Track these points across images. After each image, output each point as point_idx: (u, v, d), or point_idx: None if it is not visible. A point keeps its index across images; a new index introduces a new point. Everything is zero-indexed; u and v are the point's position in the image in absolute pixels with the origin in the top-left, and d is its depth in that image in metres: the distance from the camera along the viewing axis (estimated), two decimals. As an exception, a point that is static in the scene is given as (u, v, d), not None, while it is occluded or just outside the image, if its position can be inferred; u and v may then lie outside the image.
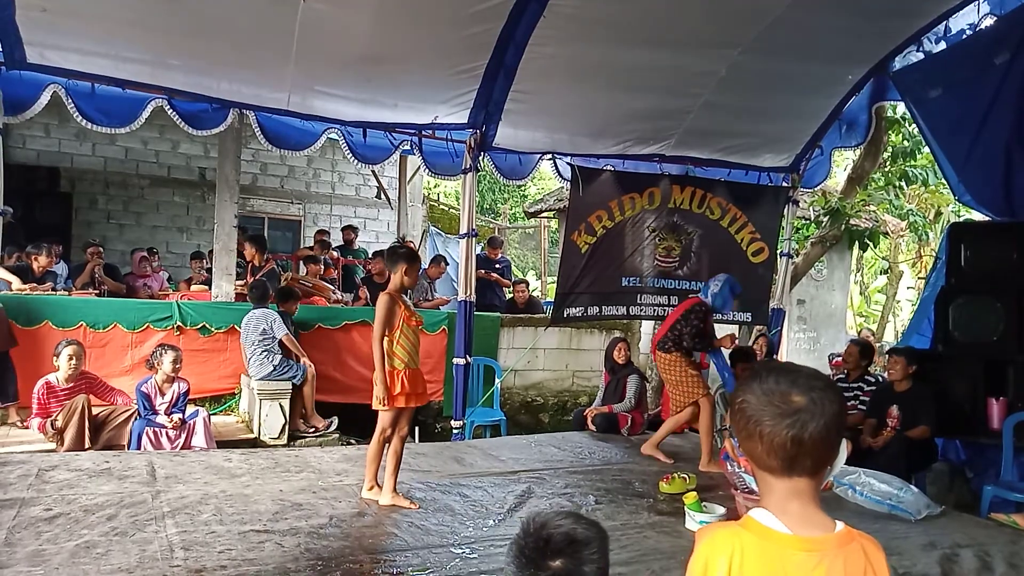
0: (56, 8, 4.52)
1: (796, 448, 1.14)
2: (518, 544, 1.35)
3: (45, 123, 10.12)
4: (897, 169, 8.37)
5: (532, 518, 1.38)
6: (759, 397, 1.18)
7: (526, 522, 1.37)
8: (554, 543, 1.32)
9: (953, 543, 3.54)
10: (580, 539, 1.32)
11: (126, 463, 4.31)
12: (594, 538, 1.34)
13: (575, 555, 1.31)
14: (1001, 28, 5.44)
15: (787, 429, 1.14)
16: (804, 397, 1.15)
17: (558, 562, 1.30)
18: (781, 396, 1.16)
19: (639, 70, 5.70)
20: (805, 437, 1.13)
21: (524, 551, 1.33)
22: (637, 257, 6.67)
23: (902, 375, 5.21)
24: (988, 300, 5.41)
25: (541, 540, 1.32)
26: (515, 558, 1.34)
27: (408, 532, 3.40)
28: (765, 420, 1.16)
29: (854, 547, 1.17)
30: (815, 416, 1.14)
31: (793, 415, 1.14)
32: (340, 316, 7.10)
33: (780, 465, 1.16)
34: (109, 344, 6.16)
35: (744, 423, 1.19)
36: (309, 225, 11.95)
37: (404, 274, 3.81)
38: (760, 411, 1.17)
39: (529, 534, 1.34)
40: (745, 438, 1.20)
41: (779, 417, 1.15)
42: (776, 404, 1.16)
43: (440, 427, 7.23)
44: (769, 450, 1.16)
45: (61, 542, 3.00)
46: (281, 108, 5.61)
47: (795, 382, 1.17)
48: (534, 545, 1.32)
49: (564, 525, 1.34)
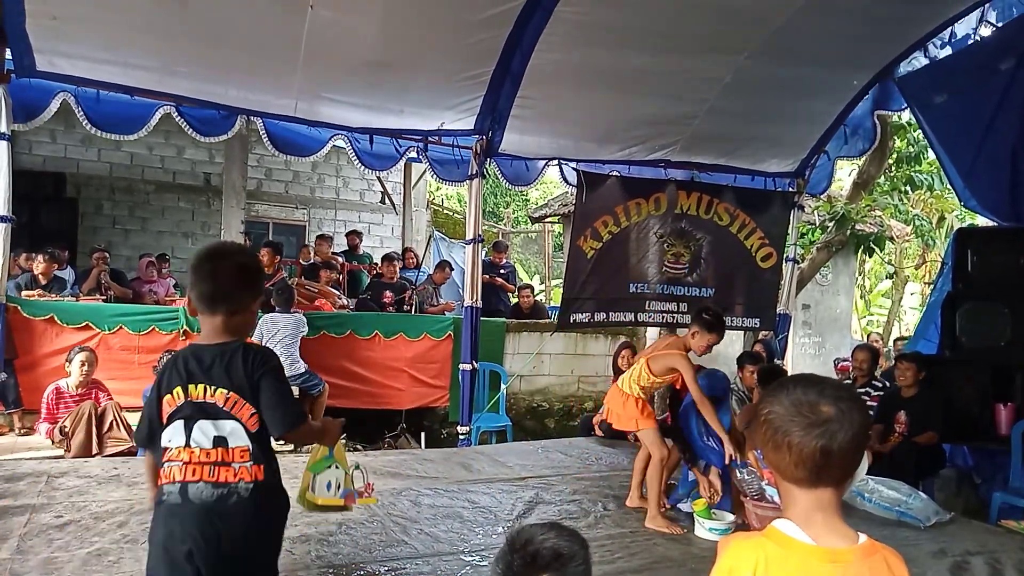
0: (66, 16, 4.54)
1: (824, 459, 1.14)
2: (505, 560, 1.36)
3: (51, 129, 10.16)
4: (902, 174, 8.37)
5: (516, 533, 1.40)
6: (787, 408, 1.18)
7: (511, 538, 1.39)
8: (541, 558, 1.33)
9: (963, 550, 3.53)
10: (566, 553, 1.35)
11: (135, 470, 4.31)
12: (579, 551, 1.37)
13: (561, 569, 1.33)
14: (1007, 34, 5.45)
15: (816, 440, 1.14)
16: (832, 407, 1.16)
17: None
18: (810, 407, 1.17)
19: (645, 75, 5.71)
20: (834, 448, 1.14)
21: (512, 567, 1.34)
22: (644, 263, 6.66)
23: (912, 381, 5.20)
24: (995, 305, 5.40)
25: (528, 556, 1.34)
26: (503, 574, 1.35)
27: (418, 539, 3.40)
28: (794, 431, 1.16)
29: (877, 559, 1.17)
30: (843, 426, 1.14)
31: (822, 425, 1.15)
32: (346, 322, 7.12)
33: (807, 476, 1.16)
34: (114, 348, 6.17)
35: (771, 434, 1.19)
36: (314, 230, 11.98)
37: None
38: (789, 422, 1.17)
39: (516, 550, 1.36)
40: (772, 449, 1.20)
41: (808, 428, 1.15)
42: (805, 415, 1.16)
43: (446, 433, 7.24)
44: (798, 461, 1.16)
45: (73, 549, 3.00)
46: (288, 115, 5.62)
47: (823, 392, 1.18)
48: (521, 561, 1.34)
49: (549, 539, 1.36)
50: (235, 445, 1.84)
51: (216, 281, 1.90)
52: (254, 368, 1.86)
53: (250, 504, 1.82)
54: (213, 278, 1.90)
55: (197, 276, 1.92)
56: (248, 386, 1.85)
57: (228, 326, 1.92)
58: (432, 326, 7.39)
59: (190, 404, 1.85)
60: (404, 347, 7.23)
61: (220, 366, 1.85)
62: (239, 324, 1.95)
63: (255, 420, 1.86)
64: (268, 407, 1.86)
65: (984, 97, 5.46)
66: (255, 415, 1.86)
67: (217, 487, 1.81)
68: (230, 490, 1.81)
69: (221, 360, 1.86)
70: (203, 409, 1.85)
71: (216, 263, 1.92)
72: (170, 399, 1.87)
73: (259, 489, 1.84)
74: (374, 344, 7.11)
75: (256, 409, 1.86)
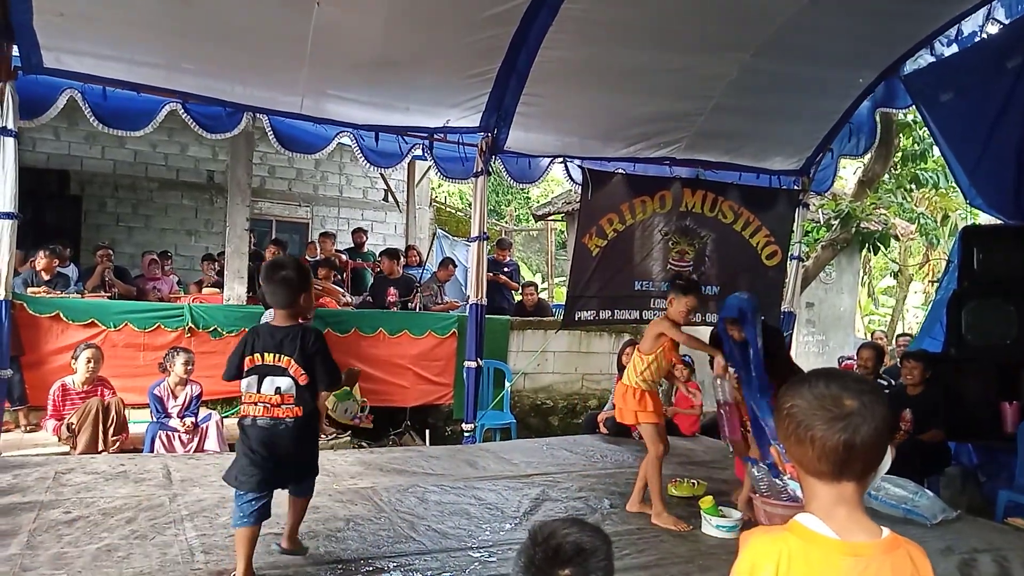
0: (72, 13, 4.54)
1: (847, 452, 1.14)
2: (527, 554, 1.36)
3: (55, 126, 10.14)
4: (907, 172, 8.36)
5: (539, 527, 1.40)
6: (810, 402, 1.18)
7: (533, 532, 1.39)
8: (563, 552, 1.33)
9: (970, 548, 3.53)
10: (588, 548, 1.34)
11: (141, 466, 4.33)
12: (601, 546, 1.37)
13: (583, 564, 1.33)
14: (1013, 32, 5.44)
15: (840, 433, 1.14)
16: (855, 401, 1.16)
17: (567, 571, 1.32)
18: (833, 400, 1.16)
19: (650, 73, 5.70)
20: (857, 441, 1.14)
21: (534, 560, 1.34)
22: (649, 261, 6.66)
23: (918, 379, 5.20)
24: (1001, 303, 5.40)
25: (550, 550, 1.34)
26: (524, 568, 1.35)
27: (426, 536, 3.40)
28: (817, 424, 1.16)
29: (900, 553, 1.17)
30: (867, 420, 1.14)
31: (845, 419, 1.15)
32: (350, 320, 7.11)
33: (831, 470, 1.16)
34: (119, 345, 6.17)
35: (794, 428, 1.19)
36: (317, 228, 11.96)
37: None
38: (812, 415, 1.17)
39: (538, 544, 1.35)
40: (795, 443, 1.20)
41: (832, 421, 1.15)
42: (828, 408, 1.16)
43: (450, 430, 7.24)
44: (821, 455, 1.16)
45: (82, 545, 3.01)
46: (294, 112, 5.62)
47: (845, 386, 1.18)
48: (543, 555, 1.34)
49: (572, 534, 1.36)
50: (286, 393, 2.78)
51: (277, 290, 2.84)
52: (311, 345, 2.82)
53: (292, 430, 2.80)
54: (274, 289, 2.84)
55: (267, 286, 2.87)
56: (304, 356, 2.80)
57: (290, 315, 2.88)
58: (437, 324, 7.38)
59: (264, 366, 2.80)
60: (408, 344, 7.22)
61: (289, 342, 2.80)
62: (296, 312, 2.92)
63: (304, 378, 2.80)
64: (320, 371, 2.84)
65: (990, 95, 5.45)
66: (304, 375, 2.80)
67: (274, 420, 2.78)
68: (281, 421, 2.79)
69: (289, 338, 2.82)
70: (271, 369, 2.80)
71: (274, 277, 2.84)
72: (249, 359, 2.82)
73: (297, 421, 2.80)
74: (378, 341, 7.10)
75: (304, 371, 2.80)
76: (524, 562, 1.34)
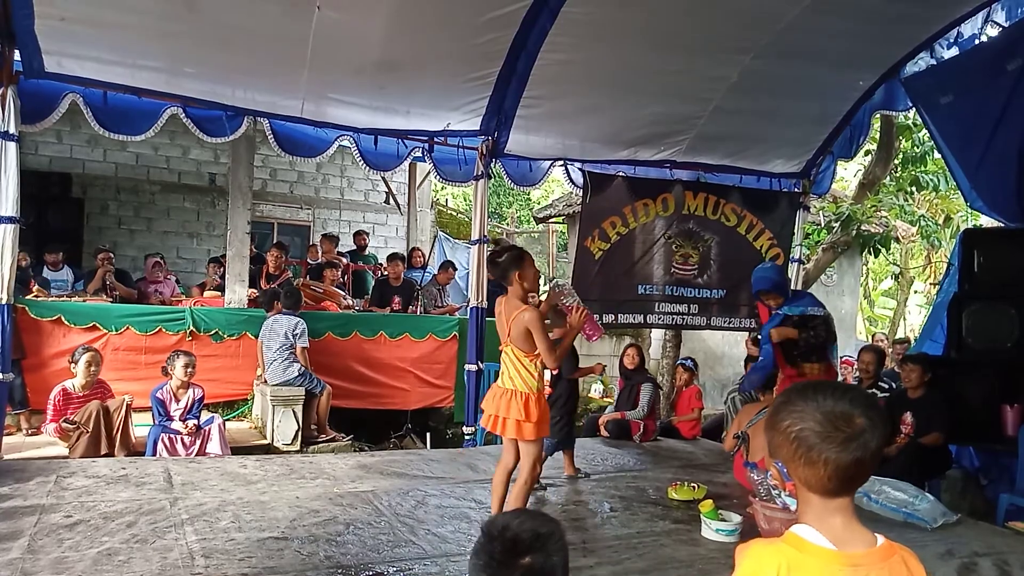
0: (74, 17, 4.55)
1: (857, 468, 1.14)
2: (486, 551, 1.36)
3: (57, 129, 10.16)
4: (908, 175, 8.34)
5: (490, 523, 1.41)
6: (821, 423, 1.15)
7: (486, 528, 1.39)
8: (522, 542, 1.34)
9: (971, 552, 3.53)
10: (544, 532, 1.36)
11: (143, 469, 4.33)
12: (555, 529, 1.39)
13: (543, 548, 1.34)
14: (1013, 34, 5.43)
15: (853, 453, 1.13)
16: (864, 418, 1.15)
17: (528, 559, 1.33)
18: (845, 420, 1.15)
19: (650, 75, 5.70)
20: (868, 457, 1.14)
21: (494, 555, 1.34)
22: (652, 264, 6.65)
23: (918, 382, 5.19)
24: (1002, 306, 5.39)
25: (508, 542, 1.34)
26: (485, 565, 1.35)
27: (425, 540, 3.40)
28: (830, 447, 1.14)
29: (896, 560, 1.17)
30: (875, 435, 1.14)
31: (858, 438, 1.14)
32: (351, 323, 7.12)
33: (839, 486, 1.15)
34: (121, 349, 6.19)
35: (805, 451, 1.16)
36: (318, 230, 11.98)
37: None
38: (825, 439, 1.15)
39: (494, 538, 1.36)
40: (804, 465, 1.17)
41: (846, 442, 1.14)
42: (842, 429, 1.14)
43: (451, 433, 7.24)
44: (832, 475, 1.14)
45: (83, 549, 3.01)
46: (295, 115, 5.62)
47: (853, 403, 1.16)
48: (502, 548, 1.34)
49: (525, 522, 1.37)
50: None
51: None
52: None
53: None
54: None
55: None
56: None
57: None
58: (437, 327, 7.40)
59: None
60: (409, 347, 7.24)
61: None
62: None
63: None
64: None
65: (991, 97, 5.44)
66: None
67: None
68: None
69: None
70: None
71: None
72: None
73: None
74: (379, 345, 7.12)
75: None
76: (484, 560, 1.34)
